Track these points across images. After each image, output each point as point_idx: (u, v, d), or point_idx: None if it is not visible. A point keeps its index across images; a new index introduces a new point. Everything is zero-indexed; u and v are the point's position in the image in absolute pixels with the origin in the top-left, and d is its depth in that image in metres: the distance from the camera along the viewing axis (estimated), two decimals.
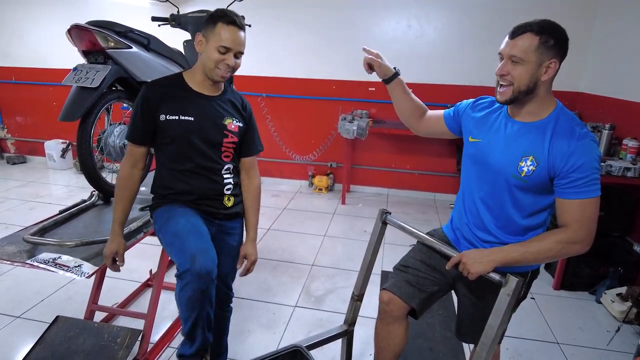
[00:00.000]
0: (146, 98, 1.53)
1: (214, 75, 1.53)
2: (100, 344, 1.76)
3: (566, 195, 1.22)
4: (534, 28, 1.20)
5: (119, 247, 1.57)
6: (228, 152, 1.64)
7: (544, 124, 1.27)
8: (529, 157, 1.26)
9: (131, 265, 2.77)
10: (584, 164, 1.18)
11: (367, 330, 2.21)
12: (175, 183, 1.60)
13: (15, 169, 5.12)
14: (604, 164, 2.59)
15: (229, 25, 1.47)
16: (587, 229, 1.22)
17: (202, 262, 1.38)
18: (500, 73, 1.26)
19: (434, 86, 4.23)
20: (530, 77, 1.22)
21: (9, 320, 2.26)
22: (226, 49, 1.47)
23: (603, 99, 3.55)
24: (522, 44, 1.21)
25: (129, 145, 1.59)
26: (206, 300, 1.43)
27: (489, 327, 1.24)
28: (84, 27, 1.81)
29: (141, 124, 1.54)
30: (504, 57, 1.25)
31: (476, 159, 1.40)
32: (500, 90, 1.29)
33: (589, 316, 2.53)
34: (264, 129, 4.68)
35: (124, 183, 1.59)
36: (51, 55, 4.88)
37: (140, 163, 1.60)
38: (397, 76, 1.57)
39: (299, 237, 3.50)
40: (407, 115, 1.62)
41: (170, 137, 1.55)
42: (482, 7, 3.94)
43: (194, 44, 1.55)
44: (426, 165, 4.52)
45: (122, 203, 1.59)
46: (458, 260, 1.29)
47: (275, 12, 4.32)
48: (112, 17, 2.11)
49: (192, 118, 1.54)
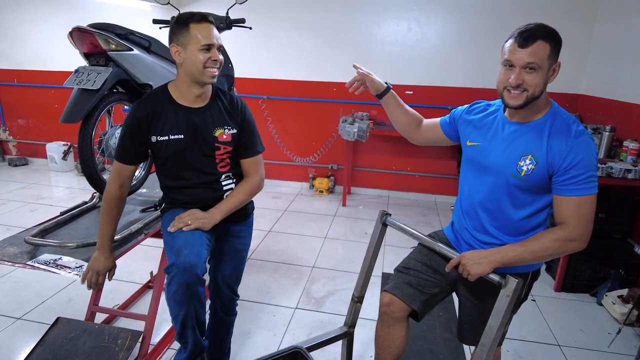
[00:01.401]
0: (136, 118, 1.51)
1: (205, 78, 1.49)
2: (101, 346, 1.76)
3: (564, 192, 1.23)
4: (542, 34, 1.21)
5: (112, 265, 1.58)
6: (224, 163, 1.62)
7: (540, 124, 1.29)
8: (528, 156, 1.27)
9: (132, 267, 2.79)
10: (582, 160, 1.20)
11: (368, 332, 2.21)
12: (177, 195, 1.63)
13: (17, 170, 5.13)
14: (604, 166, 2.59)
15: (203, 23, 1.46)
16: (585, 227, 1.23)
17: (186, 254, 1.38)
18: (517, 83, 1.23)
19: (435, 88, 4.23)
20: (544, 83, 1.24)
21: (10, 322, 2.26)
22: (208, 46, 1.46)
23: (603, 101, 3.55)
24: (537, 52, 1.20)
25: (117, 164, 1.57)
26: (193, 297, 1.41)
27: (489, 328, 1.24)
28: (85, 29, 1.82)
29: (130, 144, 1.53)
30: (516, 66, 1.22)
31: (476, 162, 1.41)
32: (513, 95, 1.25)
33: (590, 318, 2.53)
34: (265, 131, 4.69)
35: (114, 203, 1.57)
36: (52, 57, 4.90)
37: (126, 183, 1.60)
38: (390, 90, 1.58)
39: (299, 239, 3.50)
40: (404, 127, 1.64)
41: (163, 157, 1.56)
42: (482, 10, 3.95)
43: (171, 54, 1.51)
44: (427, 168, 4.52)
45: (112, 221, 1.58)
46: (457, 262, 1.29)
47: (276, 15, 4.33)
48: (114, 19, 2.12)
49: (182, 136, 1.53)
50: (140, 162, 1.62)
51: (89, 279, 1.52)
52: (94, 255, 1.55)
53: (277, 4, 4.30)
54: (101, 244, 1.56)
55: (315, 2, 4.24)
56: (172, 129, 1.52)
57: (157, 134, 1.52)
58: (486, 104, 1.48)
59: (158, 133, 1.52)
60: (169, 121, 1.52)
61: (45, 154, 5.15)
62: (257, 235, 3.50)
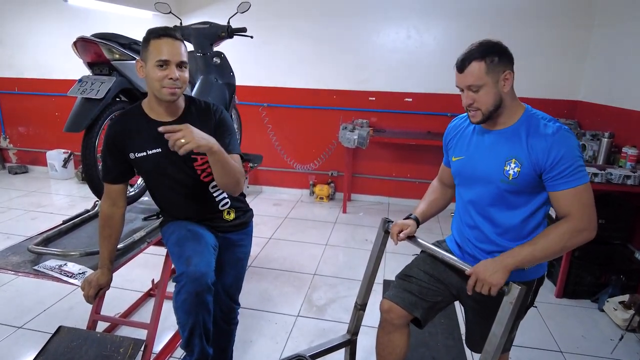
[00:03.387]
0: (110, 137, 1.50)
1: (163, 95, 1.42)
2: (103, 354, 1.75)
3: (557, 187, 1.26)
4: (476, 55, 1.28)
5: (108, 284, 1.57)
6: (205, 172, 1.57)
7: (516, 127, 1.33)
8: (512, 159, 1.31)
9: (133, 275, 2.79)
10: (565, 154, 1.23)
11: (370, 340, 2.20)
12: (172, 211, 1.63)
13: (17, 178, 5.14)
14: (603, 172, 2.61)
15: (161, 38, 1.40)
16: (588, 215, 1.25)
17: (197, 263, 1.38)
18: (467, 104, 1.34)
19: (434, 95, 4.25)
20: (494, 96, 1.30)
21: (12, 331, 2.26)
22: (164, 62, 1.39)
23: (602, 108, 3.58)
24: (472, 72, 1.28)
25: (105, 185, 1.57)
26: (202, 306, 1.41)
27: (492, 335, 1.24)
28: (89, 39, 1.84)
29: (111, 163, 1.53)
30: (463, 89, 1.34)
31: (464, 175, 1.45)
32: (471, 114, 1.36)
33: (591, 324, 2.53)
34: (265, 139, 4.71)
35: (108, 223, 1.56)
36: (53, 66, 4.93)
37: (119, 201, 1.58)
38: (418, 220, 1.59)
39: (300, 246, 3.50)
40: (446, 203, 1.68)
41: (145, 172, 1.56)
42: (481, 17, 3.98)
43: (136, 69, 1.48)
44: (427, 174, 4.52)
45: (108, 241, 1.57)
46: (474, 281, 1.28)
47: (276, 23, 4.37)
48: (116, 29, 2.14)
49: (159, 149, 1.50)
50: (126, 180, 1.60)
51: (82, 289, 1.53)
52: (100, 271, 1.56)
53: (278, 11, 4.34)
54: (103, 262, 1.57)
55: (316, 9, 4.28)
56: (149, 145, 1.50)
57: (135, 151, 1.50)
58: (459, 119, 1.55)
59: (136, 150, 1.50)
60: (144, 137, 1.49)
61: (45, 162, 5.16)
62: (258, 242, 3.50)
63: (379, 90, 4.32)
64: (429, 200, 1.65)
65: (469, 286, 1.30)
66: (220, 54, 2.53)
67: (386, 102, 4.32)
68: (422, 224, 1.58)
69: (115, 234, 1.59)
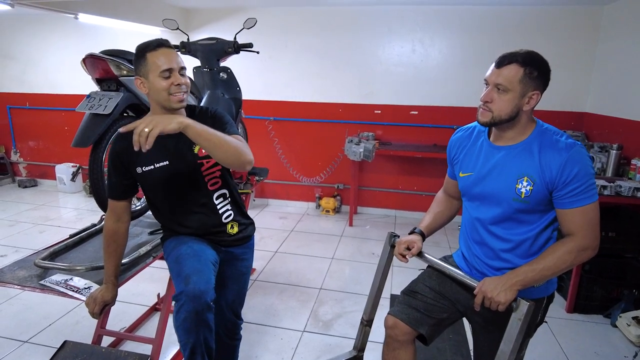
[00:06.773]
0: (115, 153, 1.51)
1: (172, 103, 1.44)
2: None
3: (567, 205, 1.24)
4: (519, 59, 1.24)
5: (113, 300, 1.57)
6: (214, 179, 1.58)
7: (528, 143, 1.31)
8: (524, 177, 1.29)
9: (139, 289, 2.79)
10: (579, 173, 1.21)
11: (377, 356, 2.16)
12: (174, 227, 1.62)
13: (27, 192, 5.20)
14: (613, 185, 2.58)
15: (158, 49, 1.42)
16: (593, 233, 1.24)
17: (195, 281, 1.37)
18: (485, 100, 1.30)
19: (439, 108, 4.26)
20: (513, 107, 1.27)
21: (17, 345, 2.25)
22: (168, 71, 1.41)
23: (609, 119, 3.55)
24: (507, 74, 1.25)
25: (109, 201, 1.58)
26: (202, 324, 1.40)
27: (501, 353, 1.22)
28: (98, 56, 1.87)
29: (116, 180, 1.54)
30: (490, 84, 1.30)
31: (474, 192, 1.42)
32: (482, 111, 1.33)
33: (604, 340, 2.46)
34: (271, 152, 4.73)
35: (113, 238, 1.57)
36: (63, 81, 5.03)
37: (124, 217, 1.59)
38: (423, 233, 1.57)
39: (306, 260, 3.48)
40: (452, 214, 1.66)
41: (151, 186, 1.56)
42: (486, 31, 4.00)
43: (136, 86, 1.49)
44: (433, 187, 4.50)
45: (112, 258, 1.58)
46: (481, 298, 1.26)
47: (282, 37, 4.43)
48: (125, 45, 2.18)
49: (167, 162, 1.51)
50: (131, 197, 1.60)
51: (87, 305, 1.53)
52: (105, 287, 1.56)
53: (284, 26, 4.40)
54: (108, 278, 1.57)
55: (321, 24, 4.33)
56: (156, 158, 1.51)
57: (142, 165, 1.51)
58: (462, 131, 1.51)
59: (142, 164, 1.51)
60: (150, 151, 1.44)
61: (54, 176, 5.22)
62: (264, 256, 3.49)
63: (385, 104, 4.34)
64: (435, 212, 1.63)
65: (477, 304, 1.28)
66: (227, 69, 2.56)
67: (392, 115, 4.34)
68: (427, 237, 1.56)
69: (120, 249, 1.60)
